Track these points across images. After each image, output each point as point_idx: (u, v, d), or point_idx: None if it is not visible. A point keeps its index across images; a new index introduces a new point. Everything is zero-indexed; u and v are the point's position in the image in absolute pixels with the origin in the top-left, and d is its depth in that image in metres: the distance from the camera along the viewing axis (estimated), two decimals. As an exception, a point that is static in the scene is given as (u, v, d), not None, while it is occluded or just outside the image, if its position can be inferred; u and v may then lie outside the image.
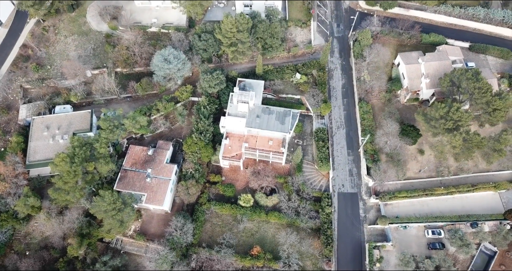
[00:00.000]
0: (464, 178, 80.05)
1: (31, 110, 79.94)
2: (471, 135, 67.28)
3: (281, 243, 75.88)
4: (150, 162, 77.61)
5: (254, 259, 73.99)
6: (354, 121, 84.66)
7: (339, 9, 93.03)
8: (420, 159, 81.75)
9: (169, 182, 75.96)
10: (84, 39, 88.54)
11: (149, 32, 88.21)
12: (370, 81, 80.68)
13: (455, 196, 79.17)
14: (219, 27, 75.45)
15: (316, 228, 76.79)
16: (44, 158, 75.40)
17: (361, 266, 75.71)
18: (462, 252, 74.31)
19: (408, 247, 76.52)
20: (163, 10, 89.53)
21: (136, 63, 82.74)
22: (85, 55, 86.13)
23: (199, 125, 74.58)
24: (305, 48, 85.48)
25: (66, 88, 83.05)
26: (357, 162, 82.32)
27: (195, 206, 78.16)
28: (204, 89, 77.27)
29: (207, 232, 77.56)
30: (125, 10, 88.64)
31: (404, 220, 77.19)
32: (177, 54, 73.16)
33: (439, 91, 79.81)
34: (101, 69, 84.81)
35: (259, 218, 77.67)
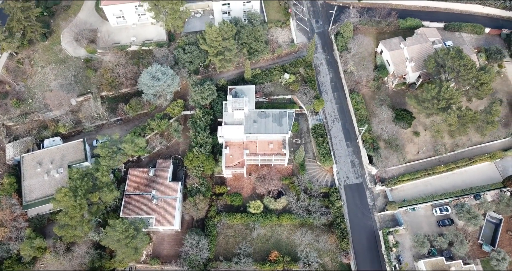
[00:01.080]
0: (460, 153, 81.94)
1: (19, 148, 75.63)
2: (464, 111, 68.83)
3: (298, 243, 75.16)
4: (153, 183, 75.12)
5: (274, 264, 72.95)
6: (347, 113, 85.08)
7: (315, 5, 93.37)
8: (417, 141, 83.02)
9: (176, 201, 73.79)
10: (63, 67, 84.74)
11: (130, 51, 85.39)
12: (359, 71, 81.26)
13: (455, 171, 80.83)
14: (203, 37, 73.94)
15: (329, 224, 76.49)
16: (42, 195, 71.54)
17: (378, 254, 75.91)
18: (471, 224, 75.87)
19: (419, 228, 77.45)
20: (140, 27, 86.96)
21: (122, 84, 79.86)
22: (66, 83, 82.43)
23: (198, 138, 72.77)
24: (289, 47, 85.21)
25: (53, 119, 79.17)
26: (357, 152, 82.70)
27: (205, 221, 76.27)
28: (197, 101, 75.52)
29: (221, 245, 75.85)
30: (101, 32, 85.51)
31: (411, 202, 78.09)
32: (165, 70, 71.11)
33: (424, 73, 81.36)
34: (86, 95, 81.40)
35: (271, 222, 76.63)
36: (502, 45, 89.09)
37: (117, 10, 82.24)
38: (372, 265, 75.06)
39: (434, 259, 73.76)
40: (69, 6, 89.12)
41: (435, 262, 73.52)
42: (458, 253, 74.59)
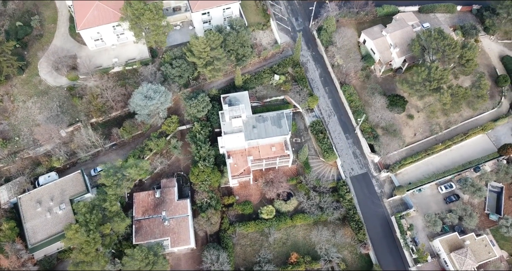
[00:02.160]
0: (454, 129, 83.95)
1: (13, 189, 71.30)
2: (456, 89, 70.36)
3: (315, 242, 74.78)
4: (161, 205, 72.69)
5: (295, 266, 72.30)
6: (341, 106, 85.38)
7: (292, 3, 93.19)
8: (412, 123, 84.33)
9: (188, 218, 71.80)
10: (46, 98, 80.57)
11: (114, 73, 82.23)
12: (347, 63, 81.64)
13: (452, 148, 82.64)
14: (189, 50, 72.02)
15: (342, 217, 76.41)
16: (47, 235, 67.73)
17: (393, 239, 76.60)
18: (476, 197, 77.79)
19: (428, 208, 78.69)
20: (120, 47, 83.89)
21: (112, 108, 76.69)
22: (53, 115, 78.42)
23: (200, 152, 70.87)
24: (273, 48, 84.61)
25: (44, 154, 75.09)
26: (357, 143, 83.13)
27: (219, 234, 74.51)
28: (193, 115, 73.54)
29: (239, 256, 74.42)
30: (80, 57, 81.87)
31: (417, 184, 79.23)
32: (156, 87, 68.81)
33: (409, 56, 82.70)
34: (75, 124, 77.74)
35: (285, 225, 75.87)
36: (475, 21, 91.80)
37: (95, 33, 78.96)
38: (390, 251, 75.55)
39: (448, 236, 75.05)
40: (41, 35, 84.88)
41: (449, 239, 74.84)
42: (469, 226, 76.26)
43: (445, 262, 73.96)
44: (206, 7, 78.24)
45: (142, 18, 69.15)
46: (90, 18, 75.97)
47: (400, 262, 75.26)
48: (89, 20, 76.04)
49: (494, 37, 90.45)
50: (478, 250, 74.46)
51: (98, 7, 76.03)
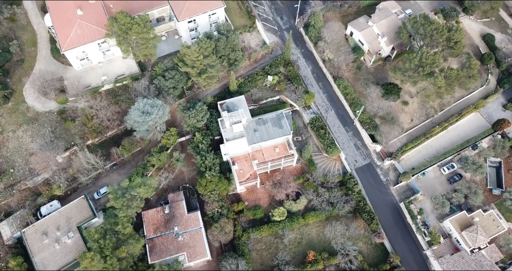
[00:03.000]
0: (448, 110, 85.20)
1: (14, 224, 67.84)
2: (449, 71, 71.21)
3: (330, 237, 74.53)
4: (171, 220, 70.80)
5: (314, 264, 71.74)
6: (337, 99, 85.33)
7: (275, 2, 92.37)
8: (407, 109, 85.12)
9: (201, 231, 70.16)
10: (36, 125, 76.95)
11: (104, 91, 79.38)
12: (338, 56, 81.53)
13: (449, 129, 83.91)
14: (181, 60, 70.11)
15: (353, 210, 76.37)
16: (59, 267, 64.86)
17: (405, 225, 77.13)
18: (478, 174, 79.22)
19: (434, 190, 79.65)
20: (107, 64, 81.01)
21: (108, 127, 73.94)
22: (46, 141, 74.98)
23: (205, 162, 69.21)
24: (263, 50, 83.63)
25: (43, 183, 71.67)
26: (357, 135, 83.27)
27: (233, 242, 73.17)
28: (193, 125, 71.76)
29: (256, 261, 73.38)
30: (67, 79, 78.60)
31: (420, 168, 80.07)
32: (152, 102, 66.69)
33: (397, 44, 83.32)
34: (71, 148, 74.61)
35: (298, 224, 75.31)
36: (453, 3, 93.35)
37: (80, 52, 75.89)
38: (403, 237, 76.04)
39: (457, 215, 76.12)
40: (23, 60, 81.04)
41: (459, 218, 75.90)
42: (475, 203, 77.60)
43: (457, 241, 75.00)
44: (192, 15, 76.46)
45: (130, 33, 66.76)
46: (73, 37, 72.92)
47: (414, 246, 75.84)
48: (73, 40, 72.97)
49: (473, 17, 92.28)
50: (487, 225, 75.80)
51: (80, 26, 73.07)
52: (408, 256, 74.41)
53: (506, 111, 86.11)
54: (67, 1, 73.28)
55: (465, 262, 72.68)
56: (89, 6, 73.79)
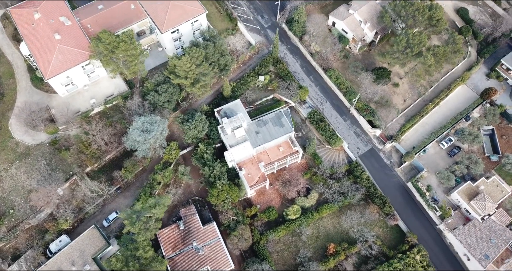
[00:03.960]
0: (437, 86, 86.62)
1: (24, 266, 63.87)
2: (436, 49, 72.15)
3: (347, 227, 74.50)
4: (188, 236, 68.67)
5: (336, 256, 71.52)
6: (330, 90, 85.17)
7: (253, 2, 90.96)
8: (398, 91, 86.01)
9: (220, 241, 68.34)
10: (29, 160, 72.61)
11: (95, 114, 75.83)
12: (326, 48, 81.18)
13: (441, 104, 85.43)
14: (172, 72, 67.67)
15: (365, 197, 76.57)
16: (82, 302, 61.35)
17: (415, 203, 78.06)
18: (475, 143, 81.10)
19: (436, 165, 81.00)
20: (94, 86, 77.36)
21: (106, 151, 70.70)
22: (43, 175, 70.88)
23: (214, 172, 67.38)
24: (249, 51, 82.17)
25: (48, 219, 67.81)
26: (355, 122, 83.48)
27: (253, 247, 71.92)
28: (194, 136, 69.65)
29: (279, 262, 72.47)
30: (53, 108, 74.47)
31: (421, 146, 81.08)
32: (150, 119, 64.08)
33: (380, 28, 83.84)
34: (71, 179, 70.91)
35: (313, 219, 74.89)
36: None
37: (64, 78, 71.98)
38: (415, 215, 76.97)
39: (463, 186, 77.67)
40: (2, 94, 76.21)
41: (465, 189, 77.45)
42: (477, 172, 79.44)
43: (467, 211, 76.50)
44: (175, 25, 73.96)
45: (116, 51, 63.66)
46: (56, 64, 69.00)
47: (427, 223, 76.86)
48: (56, 66, 69.06)
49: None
50: (492, 191, 77.74)
51: (61, 50, 69.19)
52: (423, 233, 75.33)
53: (490, 80, 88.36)
54: (42, 27, 69.09)
55: (478, 230, 74.23)
56: (66, 29, 69.98)
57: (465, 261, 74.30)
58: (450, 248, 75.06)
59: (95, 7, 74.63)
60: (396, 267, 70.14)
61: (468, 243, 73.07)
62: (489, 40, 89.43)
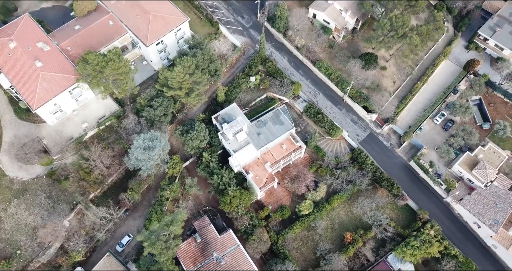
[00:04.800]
0: (422, 65, 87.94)
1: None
2: (420, 29, 72.98)
3: (359, 214, 74.78)
4: (206, 247, 67.02)
5: (354, 244, 71.70)
6: (321, 82, 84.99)
7: (231, 3, 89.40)
8: (386, 73, 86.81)
9: (240, 247, 67.14)
10: (28, 196, 68.77)
11: (90, 138, 72.60)
12: (311, 41, 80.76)
13: (428, 81, 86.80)
14: (164, 85, 65.48)
15: (372, 182, 77.02)
16: None
17: (420, 181, 79.21)
18: (467, 114, 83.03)
19: (434, 141, 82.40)
20: (83, 110, 73.94)
21: (108, 175, 67.88)
22: (45, 210, 67.31)
23: (223, 179, 65.95)
24: (236, 53, 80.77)
25: (59, 254, 64.55)
26: (350, 110, 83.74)
27: (271, 248, 71.15)
28: (197, 146, 67.86)
29: (299, 259, 71.99)
30: (44, 138, 70.73)
31: (417, 125, 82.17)
32: (151, 135, 61.77)
33: (361, 15, 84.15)
34: (75, 208, 67.74)
35: (326, 211, 74.69)
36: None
37: (52, 106, 68.36)
38: (422, 192, 78.04)
39: (463, 157, 79.32)
40: (-13, 131, 71.79)
41: (465, 160, 79.14)
42: (473, 142, 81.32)
43: (470, 181, 78.20)
44: (159, 36, 71.51)
45: (106, 71, 60.80)
46: (41, 92, 65.35)
47: (434, 198, 78.13)
48: (42, 95, 65.42)
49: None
50: (490, 158, 79.80)
51: (45, 78, 65.58)
52: (432, 208, 76.51)
53: (469, 52, 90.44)
54: (20, 55, 65.18)
55: (484, 197, 75.98)
56: (46, 55, 66.36)
57: (476, 229, 75.94)
58: (459, 219, 76.53)
59: (71, 28, 71.19)
60: (413, 245, 70.82)
61: (477, 211, 74.63)
62: (463, 13, 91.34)
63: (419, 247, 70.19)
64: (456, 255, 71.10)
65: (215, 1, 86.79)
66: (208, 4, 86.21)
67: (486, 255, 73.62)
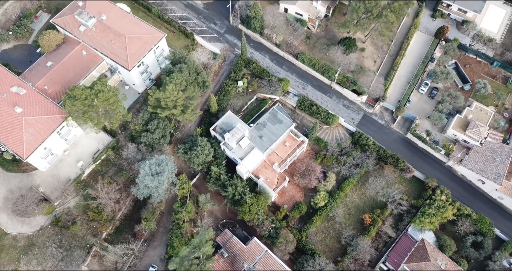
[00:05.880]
0: (397, 40, 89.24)
1: None
2: (393, 6, 73.64)
3: (372, 194, 75.18)
4: (235, 261, 65.13)
5: (374, 224, 72.10)
6: (306, 74, 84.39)
7: (201, 12, 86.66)
8: (365, 54, 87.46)
9: (269, 253, 65.79)
10: (36, 250, 63.60)
11: (88, 176, 68.23)
12: (289, 35, 79.77)
13: (406, 55, 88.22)
14: (158, 106, 62.30)
15: (377, 161, 77.56)
16: None
17: (421, 151, 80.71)
18: (448, 80, 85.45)
19: (424, 110, 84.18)
20: (74, 148, 69.07)
21: (119, 209, 64.11)
22: (59, 260, 62.57)
23: (238, 190, 64.03)
24: (217, 60, 78.49)
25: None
26: (340, 96, 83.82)
27: (297, 247, 70.24)
28: (203, 161, 65.37)
29: (325, 251, 71.58)
30: (40, 185, 65.64)
31: (405, 98, 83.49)
32: (156, 160, 58.66)
33: (330, 1, 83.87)
34: (91, 252, 63.55)
35: (340, 198, 74.51)
36: None
37: (42, 151, 63.41)
38: (425, 161, 79.47)
39: (454, 121, 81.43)
40: (-25, 191, 65.70)
41: (457, 122, 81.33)
42: (460, 104, 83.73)
43: (465, 141, 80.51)
44: (140, 58, 67.84)
45: (97, 104, 56.77)
46: (29, 139, 60.28)
47: (437, 164, 79.87)
48: (30, 142, 60.35)
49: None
50: (479, 117, 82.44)
51: (29, 123, 60.46)
52: (437, 174, 78.09)
53: (436, 20, 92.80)
54: (-6, 104, 59.75)
55: (482, 154, 78.41)
56: (24, 99, 61.26)
57: (480, 185, 78.34)
58: (463, 179, 78.66)
59: (43, 66, 66.15)
60: (429, 213, 72.04)
61: (478, 169, 76.97)
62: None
63: (435, 214, 71.38)
64: (469, 214, 72.95)
65: (185, 13, 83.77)
66: (178, 16, 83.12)
67: (495, 208, 76.22)
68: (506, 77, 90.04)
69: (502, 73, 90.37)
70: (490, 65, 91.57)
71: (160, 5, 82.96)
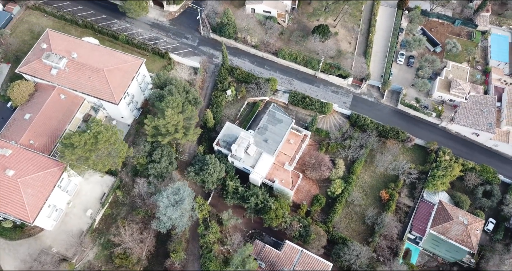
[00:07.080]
0: (364, 15, 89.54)
1: None
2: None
3: (382, 170, 75.50)
4: (274, 268, 63.11)
5: (392, 198, 72.51)
6: (290, 69, 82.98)
7: (169, 29, 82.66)
8: (340, 37, 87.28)
9: (305, 252, 64.66)
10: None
11: (99, 224, 63.20)
12: (262, 35, 77.87)
13: (376, 31, 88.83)
14: (157, 133, 58.40)
15: (379, 138, 77.82)
16: None
17: (413, 119, 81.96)
18: (421, 46, 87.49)
19: (406, 79, 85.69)
20: (78, 197, 63.32)
21: (143, 249, 59.94)
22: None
23: (260, 198, 61.73)
24: (199, 74, 75.27)
25: None
26: (327, 83, 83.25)
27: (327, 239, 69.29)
28: (216, 179, 62.42)
29: (353, 235, 71.15)
30: (51, 246, 59.55)
31: (387, 71, 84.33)
32: (172, 189, 54.97)
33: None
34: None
35: (353, 182, 74.21)
36: None
37: (47, 209, 57.74)
38: (420, 127, 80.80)
39: (437, 83, 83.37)
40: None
41: (440, 83, 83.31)
42: (438, 67, 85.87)
43: (451, 100, 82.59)
44: (124, 89, 63.29)
45: (99, 147, 52.01)
46: (30, 201, 54.50)
47: (432, 127, 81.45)
48: (32, 204, 54.59)
49: None
50: (458, 75, 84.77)
51: (26, 184, 54.65)
52: (435, 137, 79.58)
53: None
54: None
55: (469, 108, 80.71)
56: (12, 159, 55.28)
57: (475, 138, 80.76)
58: (458, 136, 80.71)
59: (20, 120, 60.10)
60: (438, 175, 73.22)
61: (471, 123, 79.18)
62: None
63: (444, 174, 72.63)
64: (473, 167, 74.95)
65: (152, 33, 79.42)
66: (147, 38, 78.71)
67: (493, 156, 79.07)
68: (469, 33, 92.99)
69: (465, 30, 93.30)
70: (452, 25, 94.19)
71: (125, 31, 78.18)
